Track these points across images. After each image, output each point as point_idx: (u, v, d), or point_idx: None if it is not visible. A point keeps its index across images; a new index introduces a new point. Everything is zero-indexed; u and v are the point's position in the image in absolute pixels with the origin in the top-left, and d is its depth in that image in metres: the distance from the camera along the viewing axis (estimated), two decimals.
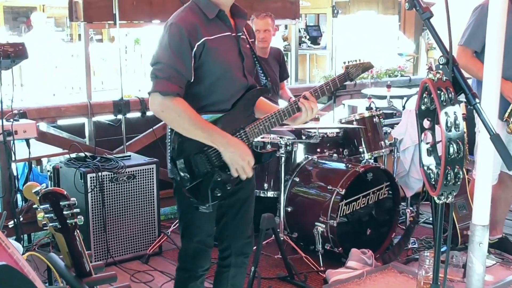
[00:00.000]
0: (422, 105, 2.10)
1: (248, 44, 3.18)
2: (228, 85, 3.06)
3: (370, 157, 5.52)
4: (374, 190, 5.16)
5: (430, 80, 2.02)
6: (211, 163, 3.05)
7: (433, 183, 2.07)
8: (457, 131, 1.99)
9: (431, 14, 2.12)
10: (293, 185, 5.25)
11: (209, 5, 3.01)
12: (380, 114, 5.67)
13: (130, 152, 5.57)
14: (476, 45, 4.71)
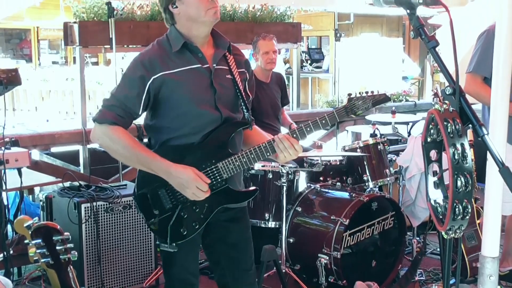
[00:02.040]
0: (428, 136, 2.04)
1: (230, 74, 3.07)
2: (194, 119, 2.98)
3: (374, 186, 5.41)
4: (379, 220, 5.03)
5: (437, 111, 1.94)
6: (175, 198, 2.96)
7: (441, 218, 2.01)
8: (465, 163, 1.91)
9: (437, 43, 2.04)
10: (295, 215, 5.13)
11: (177, 38, 2.98)
12: (385, 141, 5.56)
13: (126, 180, 5.45)
14: (486, 71, 4.61)
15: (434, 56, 2.05)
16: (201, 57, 2.99)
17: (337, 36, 7.18)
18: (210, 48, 3.05)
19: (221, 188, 3.00)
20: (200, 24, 2.95)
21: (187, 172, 2.88)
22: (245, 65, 3.20)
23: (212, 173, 2.97)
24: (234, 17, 6.26)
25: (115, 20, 5.40)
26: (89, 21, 5.45)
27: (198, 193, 2.88)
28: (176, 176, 2.88)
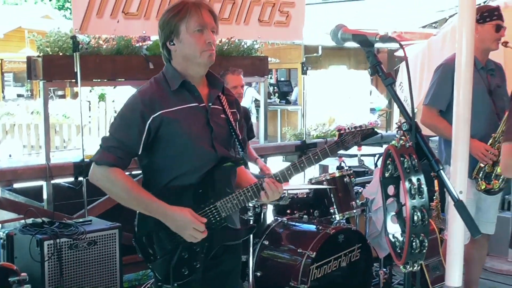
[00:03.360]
0: (386, 172, 2.05)
1: (224, 114, 3.09)
2: (192, 158, 2.97)
3: (341, 218, 5.41)
4: (346, 252, 5.03)
5: (393, 147, 1.97)
6: (175, 239, 2.94)
7: (399, 252, 2.04)
8: (421, 198, 1.95)
9: (394, 80, 2.04)
10: (263, 248, 5.11)
11: (174, 76, 2.99)
12: (351, 173, 5.59)
13: (91, 216, 5.36)
14: (441, 104, 4.74)
15: (391, 93, 2.07)
16: (198, 96, 3.00)
17: (303, 70, 7.22)
18: (204, 87, 3.07)
19: (220, 226, 2.99)
20: (194, 64, 2.97)
21: (183, 214, 2.88)
22: (236, 105, 3.22)
23: (211, 212, 2.97)
24: None
25: (80, 54, 5.36)
26: (54, 55, 5.40)
27: (195, 234, 2.88)
28: (173, 219, 2.88)
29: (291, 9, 6.67)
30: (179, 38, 2.93)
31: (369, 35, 2.09)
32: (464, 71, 3.34)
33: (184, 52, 2.95)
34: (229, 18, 6.22)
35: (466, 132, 3.39)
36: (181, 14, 2.91)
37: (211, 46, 2.94)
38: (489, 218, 4.85)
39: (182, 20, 2.91)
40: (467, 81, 3.34)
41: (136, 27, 5.64)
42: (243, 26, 6.38)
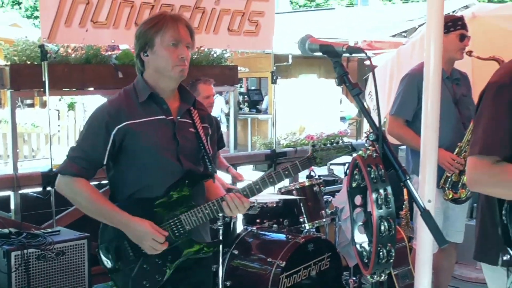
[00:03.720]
0: (353, 182, 2.06)
1: (194, 128, 3.08)
2: (157, 170, 2.98)
3: (311, 227, 5.42)
4: (315, 261, 5.04)
5: (360, 157, 1.98)
6: (137, 250, 2.94)
7: (366, 262, 2.05)
8: (388, 208, 1.95)
9: (361, 90, 2.06)
10: (232, 258, 5.11)
11: (143, 88, 3.00)
12: (321, 182, 5.61)
13: (59, 226, 5.30)
14: (407, 114, 4.78)
15: (358, 103, 2.08)
16: (166, 109, 3.01)
17: (273, 79, 7.24)
18: (176, 101, 3.07)
19: (184, 239, 2.98)
20: (165, 77, 2.97)
21: (144, 225, 2.89)
22: (208, 120, 3.22)
23: (174, 225, 2.97)
24: None
25: (48, 63, 5.31)
26: (21, 64, 5.34)
27: (154, 246, 2.89)
28: (133, 229, 2.89)
29: (260, 18, 6.69)
30: (153, 50, 2.94)
31: (336, 46, 2.10)
32: (432, 80, 3.35)
33: (156, 64, 2.96)
34: (199, 27, 6.22)
35: (435, 142, 3.40)
36: (158, 26, 2.92)
37: (184, 62, 2.95)
38: (457, 227, 4.89)
39: (158, 32, 2.92)
40: (435, 91, 3.35)
41: (105, 36, 5.60)
42: (213, 35, 6.39)
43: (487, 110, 2.62)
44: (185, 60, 2.94)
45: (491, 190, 2.62)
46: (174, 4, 5.97)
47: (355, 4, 35.79)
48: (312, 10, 31.68)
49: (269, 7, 6.80)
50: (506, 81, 2.59)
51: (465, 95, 4.77)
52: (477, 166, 2.57)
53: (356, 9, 31.33)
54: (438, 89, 3.37)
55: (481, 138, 2.57)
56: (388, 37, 17.23)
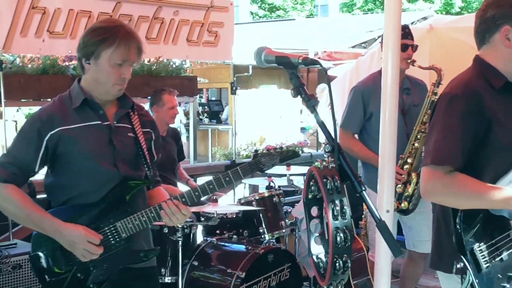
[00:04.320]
0: (309, 193, 2.05)
1: (133, 133, 3.03)
2: (92, 176, 2.93)
3: (271, 238, 5.40)
4: (275, 272, 5.03)
5: (316, 168, 1.98)
6: (71, 259, 2.89)
7: (322, 273, 2.03)
8: (344, 219, 1.95)
9: (317, 102, 2.04)
10: (192, 269, 5.08)
11: (78, 94, 2.96)
12: (280, 193, 5.60)
13: (16, 239, 5.22)
14: (353, 127, 4.81)
15: (314, 114, 2.08)
16: (102, 114, 2.96)
17: (233, 90, 7.24)
18: (113, 107, 3.02)
19: (120, 248, 2.93)
20: (103, 91, 2.94)
21: (77, 230, 2.83)
22: (151, 125, 3.17)
23: (110, 232, 2.91)
24: None
25: (4, 74, 5.23)
26: None
27: (89, 248, 2.83)
28: (66, 235, 2.83)
29: (219, 29, 6.70)
30: (97, 62, 2.89)
31: (291, 57, 2.10)
32: (390, 91, 3.37)
33: (97, 77, 2.91)
34: (157, 38, 6.21)
35: (392, 152, 3.42)
36: (109, 42, 2.85)
37: (124, 82, 2.92)
38: (423, 236, 4.79)
39: (108, 48, 2.86)
40: (393, 101, 3.37)
41: (62, 47, 5.55)
42: (172, 46, 6.37)
43: (440, 120, 2.65)
44: (125, 80, 2.91)
45: (444, 199, 2.65)
46: (133, 15, 5.95)
47: (315, 15, 36.08)
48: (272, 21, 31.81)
49: (228, 18, 6.82)
50: (458, 92, 2.63)
51: (416, 105, 4.71)
52: (430, 176, 2.60)
53: (316, 20, 31.55)
54: (395, 99, 3.39)
55: (434, 149, 2.60)
56: (348, 48, 17.38)
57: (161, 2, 6.17)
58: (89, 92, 2.95)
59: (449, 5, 32.00)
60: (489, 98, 2.62)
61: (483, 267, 2.54)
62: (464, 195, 2.57)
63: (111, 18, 5.25)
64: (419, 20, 16.04)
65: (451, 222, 2.58)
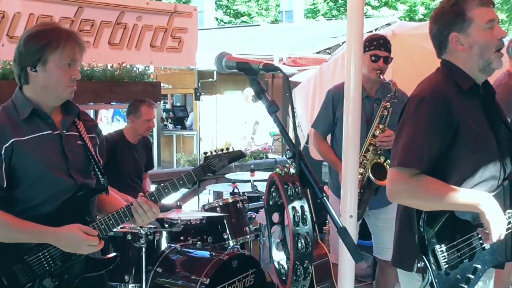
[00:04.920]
0: (270, 199, 2.05)
1: (81, 140, 2.97)
2: (48, 188, 2.84)
3: (235, 244, 5.41)
4: (240, 278, 5.04)
5: (277, 175, 1.97)
6: (31, 272, 2.81)
7: (284, 279, 2.02)
8: (304, 225, 1.93)
9: (277, 108, 2.05)
10: (156, 276, 5.06)
11: (24, 104, 2.84)
12: (244, 199, 5.60)
13: None
14: (321, 130, 4.86)
15: (275, 120, 2.07)
16: (51, 123, 2.88)
17: (197, 95, 7.22)
18: (58, 114, 2.94)
19: (82, 257, 2.88)
20: (53, 96, 2.85)
21: (73, 234, 2.77)
22: (96, 130, 3.11)
23: None
24: (92, 76, 6.13)
25: None
26: None
27: (94, 246, 2.81)
28: (65, 240, 2.77)
29: (183, 34, 6.68)
30: (45, 68, 2.79)
31: (252, 63, 2.09)
32: (353, 98, 3.40)
33: (47, 83, 2.81)
34: (120, 43, 6.16)
35: (356, 158, 3.45)
36: (53, 45, 2.78)
37: (75, 82, 2.86)
38: (385, 243, 4.76)
39: (54, 51, 2.78)
40: (355, 108, 3.40)
41: None
42: (135, 51, 6.33)
43: (408, 123, 2.68)
44: (75, 80, 2.86)
45: (409, 201, 2.68)
46: (95, 20, 5.89)
47: (280, 21, 36.19)
48: (237, 27, 31.85)
49: (192, 24, 6.80)
50: (427, 95, 2.67)
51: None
52: (396, 178, 2.63)
53: (281, 26, 31.65)
54: (358, 107, 3.41)
55: (401, 151, 2.63)
56: (313, 54, 17.46)
57: (124, 7, 6.12)
58: (36, 101, 2.84)
59: (412, 12, 32.35)
60: (457, 100, 2.66)
61: (443, 267, 2.58)
62: (430, 197, 2.60)
63: (44, 22, 5.10)
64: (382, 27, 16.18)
65: (415, 222, 2.61)
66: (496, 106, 2.87)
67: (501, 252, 2.72)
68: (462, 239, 2.63)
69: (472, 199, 2.57)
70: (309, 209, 1.96)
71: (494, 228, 2.55)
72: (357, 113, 3.40)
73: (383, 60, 4.59)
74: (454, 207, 2.60)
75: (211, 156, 3.14)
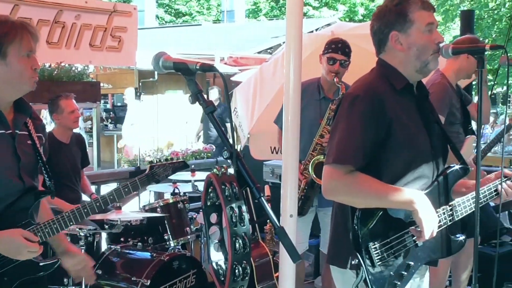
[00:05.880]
0: (208, 200, 2.05)
1: (31, 140, 2.90)
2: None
3: (176, 244, 5.37)
4: (181, 279, 5.03)
5: (214, 175, 1.98)
6: None
7: (222, 279, 2.04)
8: (242, 225, 1.95)
9: (214, 108, 2.06)
10: (96, 278, 4.93)
11: None
12: (185, 199, 5.58)
13: None
14: (280, 124, 4.87)
15: (212, 121, 2.07)
16: (4, 122, 2.78)
17: (137, 95, 7.17)
18: (11, 112, 2.84)
19: (20, 260, 2.81)
20: (16, 89, 2.77)
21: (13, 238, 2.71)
22: (42, 129, 3.03)
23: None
24: None
25: None
26: None
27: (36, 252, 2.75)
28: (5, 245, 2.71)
29: (123, 34, 6.63)
30: (6, 60, 2.71)
31: (189, 63, 2.09)
32: (292, 97, 3.40)
33: (9, 76, 2.72)
34: (59, 42, 6.08)
35: (295, 158, 3.46)
36: (11, 36, 2.71)
37: (37, 73, 2.80)
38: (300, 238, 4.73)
39: (13, 42, 2.70)
40: (295, 108, 3.41)
41: None
42: (74, 51, 6.26)
43: (342, 121, 2.72)
44: (37, 70, 2.79)
45: (343, 198, 2.72)
46: (32, 18, 5.79)
47: (222, 21, 36.18)
48: (178, 26, 31.70)
49: (132, 23, 6.75)
50: (360, 93, 2.71)
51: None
52: (331, 175, 2.66)
53: (222, 26, 31.65)
54: (297, 105, 3.42)
55: (336, 148, 2.66)
56: (254, 54, 17.51)
57: (62, 6, 6.04)
58: None
59: (352, 13, 32.73)
60: (391, 99, 2.71)
61: (377, 264, 2.62)
62: (364, 194, 2.64)
63: None
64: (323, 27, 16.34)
65: (349, 219, 2.65)
66: (429, 106, 2.93)
67: (435, 249, 2.78)
68: (395, 237, 2.68)
69: (404, 197, 2.62)
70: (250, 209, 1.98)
71: (426, 226, 2.61)
72: (296, 113, 3.42)
73: (339, 63, 4.68)
74: (387, 205, 2.65)
75: (156, 165, 3.17)
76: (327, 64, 4.69)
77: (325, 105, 4.73)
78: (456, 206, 2.81)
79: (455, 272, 5.16)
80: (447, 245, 2.82)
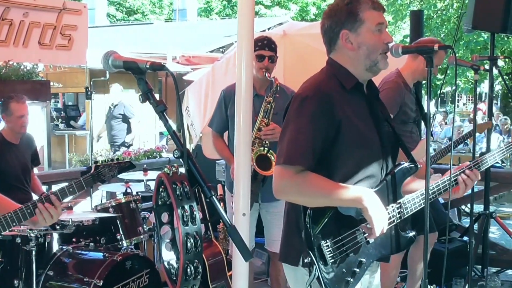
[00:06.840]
0: (159, 199, 2.05)
1: None
2: None
3: (129, 244, 5.35)
4: (134, 279, 4.98)
5: (165, 174, 1.98)
6: None
7: (174, 279, 2.03)
8: (194, 225, 1.97)
9: (165, 107, 2.08)
10: (47, 279, 4.93)
11: None
12: (138, 198, 5.55)
13: None
14: (216, 127, 4.98)
15: (163, 120, 2.07)
16: None
17: (88, 94, 7.09)
18: None
19: None
20: None
21: None
22: None
23: None
24: None
25: None
26: None
27: None
28: None
29: (73, 32, 6.55)
30: None
31: (139, 62, 2.09)
32: (244, 96, 3.42)
33: None
34: (6, 40, 5.97)
35: (248, 156, 3.47)
36: None
37: None
38: (274, 236, 4.81)
39: None
40: (247, 106, 3.43)
41: None
42: (22, 49, 6.16)
43: (291, 121, 2.73)
44: None
45: (294, 198, 2.74)
46: None
47: (174, 19, 36.00)
48: (130, 25, 31.43)
49: (82, 21, 6.68)
50: (309, 93, 2.72)
51: (276, 113, 4.79)
52: (281, 175, 2.67)
53: (174, 24, 31.49)
54: (250, 105, 3.44)
55: (286, 149, 2.67)
56: (206, 52, 17.47)
57: (9, 3, 5.93)
58: None
59: (304, 12, 32.88)
60: (340, 98, 2.73)
61: (329, 262, 2.64)
62: (314, 194, 2.65)
63: None
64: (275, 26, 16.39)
65: (301, 218, 2.67)
66: (380, 104, 2.96)
67: (385, 246, 2.82)
68: (347, 234, 2.70)
69: (354, 195, 2.64)
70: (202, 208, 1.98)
71: (376, 223, 2.65)
72: (248, 111, 3.44)
73: (268, 59, 4.70)
74: (338, 203, 2.67)
75: (102, 165, 3.15)
76: (257, 62, 4.70)
77: (258, 102, 4.72)
78: (405, 203, 2.85)
79: (411, 265, 5.25)
80: (396, 242, 2.85)
